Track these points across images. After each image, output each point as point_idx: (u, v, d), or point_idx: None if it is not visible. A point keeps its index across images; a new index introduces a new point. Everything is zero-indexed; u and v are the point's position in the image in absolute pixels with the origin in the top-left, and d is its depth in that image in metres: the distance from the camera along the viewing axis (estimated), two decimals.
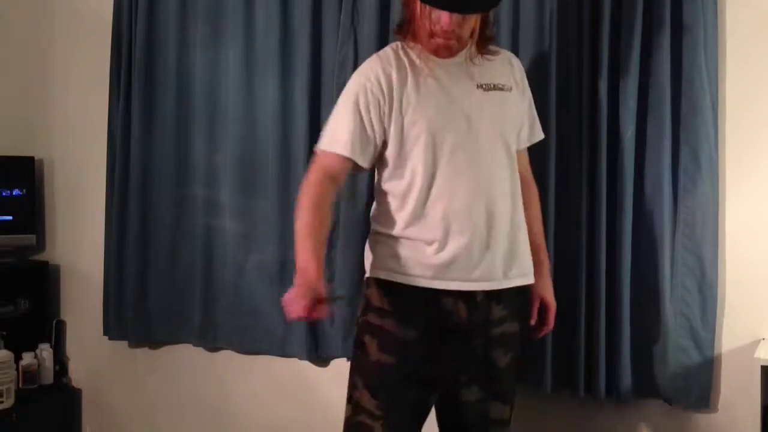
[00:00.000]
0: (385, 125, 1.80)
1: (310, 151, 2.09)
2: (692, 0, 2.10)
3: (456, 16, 1.72)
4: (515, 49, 2.28)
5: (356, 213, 2.45)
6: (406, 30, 1.84)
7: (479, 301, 1.82)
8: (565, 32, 2.23)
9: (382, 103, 1.79)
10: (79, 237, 3.15)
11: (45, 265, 3.15)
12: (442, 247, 1.78)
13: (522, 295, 1.93)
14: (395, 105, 1.79)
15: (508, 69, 1.90)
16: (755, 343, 2.09)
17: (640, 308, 2.18)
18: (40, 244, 3.20)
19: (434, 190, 1.78)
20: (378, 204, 1.90)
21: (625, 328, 2.17)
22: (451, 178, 1.78)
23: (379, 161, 1.86)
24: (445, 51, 1.80)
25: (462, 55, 1.84)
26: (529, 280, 1.91)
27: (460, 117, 1.79)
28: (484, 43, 1.84)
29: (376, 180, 1.92)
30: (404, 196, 1.81)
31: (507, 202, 1.83)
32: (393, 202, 1.83)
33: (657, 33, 2.14)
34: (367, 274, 1.89)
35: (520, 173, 1.92)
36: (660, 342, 2.17)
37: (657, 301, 2.16)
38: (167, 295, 2.85)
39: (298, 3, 2.60)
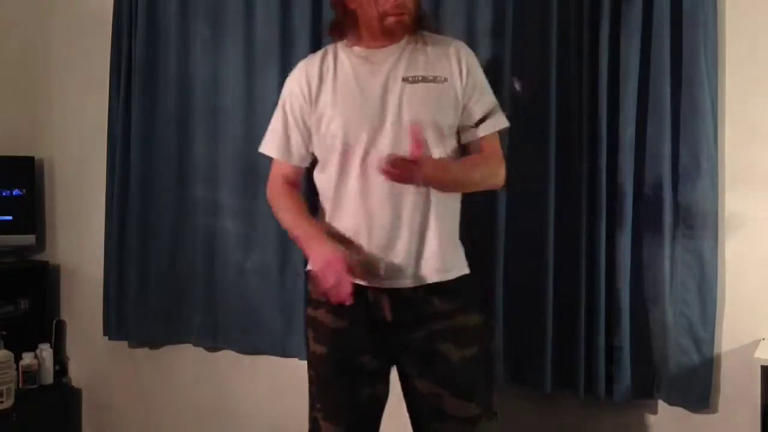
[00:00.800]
0: (311, 127, 1.87)
1: None
2: (692, 0, 2.11)
3: None
4: (515, 49, 2.29)
5: None
6: (340, 29, 1.88)
7: (410, 297, 1.80)
8: (565, 32, 2.23)
9: (305, 107, 1.86)
10: (79, 237, 3.16)
11: (45, 265, 3.16)
12: (354, 244, 1.80)
13: (466, 287, 1.87)
14: (315, 106, 1.85)
15: (446, 59, 1.86)
16: (755, 343, 2.08)
17: (640, 308, 2.18)
18: (40, 244, 3.21)
19: (349, 188, 1.80)
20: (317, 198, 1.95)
21: (625, 328, 2.17)
22: (365, 176, 1.79)
23: (313, 158, 1.92)
24: (399, 27, 1.82)
25: (401, 45, 1.85)
26: (445, 276, 1.83)
27: (376, 113, 1.80)
28: (421, 21, 1.87)
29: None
30: (326, 193, 1.86)
31: (419, 199, 1.80)
32: (321, 197, 1.89)
33: (657, 33, 2.14)
34: (308, 267, 1.90)
35: (481, 152, 1.87)
36: (660, 342, 2.17)
37: (657, 301, 2.16)
38: (167, 295, 2.85)
39: (298, 3, 2.60)
